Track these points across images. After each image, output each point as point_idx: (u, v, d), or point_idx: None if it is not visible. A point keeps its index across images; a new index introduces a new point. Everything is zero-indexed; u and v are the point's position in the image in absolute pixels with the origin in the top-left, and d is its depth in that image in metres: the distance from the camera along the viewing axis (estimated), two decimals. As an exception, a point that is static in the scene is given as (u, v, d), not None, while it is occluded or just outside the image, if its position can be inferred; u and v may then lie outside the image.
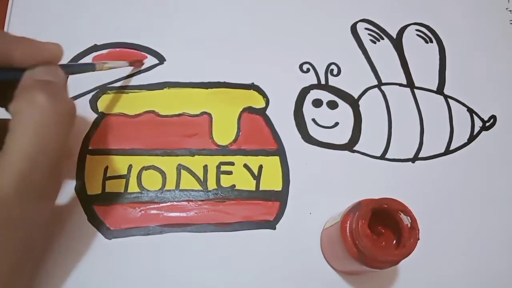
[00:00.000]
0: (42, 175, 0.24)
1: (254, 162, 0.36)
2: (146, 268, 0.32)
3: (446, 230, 0.36)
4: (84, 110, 0.36)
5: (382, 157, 0.38)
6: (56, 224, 0.33)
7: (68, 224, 0.33)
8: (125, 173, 0.35)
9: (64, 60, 0.38)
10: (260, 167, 0.36)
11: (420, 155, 0.38)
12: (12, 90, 0.24)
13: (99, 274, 0.32)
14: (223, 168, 0.36)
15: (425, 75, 0.41)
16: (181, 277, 0.32)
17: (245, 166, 0.36)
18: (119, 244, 0.33)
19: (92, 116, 0.36)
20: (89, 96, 0.37)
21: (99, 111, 0.37)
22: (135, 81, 0.38)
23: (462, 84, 0.41)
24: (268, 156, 0.36)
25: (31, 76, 0.25)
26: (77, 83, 0.37)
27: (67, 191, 0.34)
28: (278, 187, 0.36)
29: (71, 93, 0.37)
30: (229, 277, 0.33)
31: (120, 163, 0.35)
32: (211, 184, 0.35)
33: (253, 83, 0.39)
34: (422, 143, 0.38)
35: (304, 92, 0.39)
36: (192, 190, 0.35)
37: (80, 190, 0.34)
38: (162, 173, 0.35)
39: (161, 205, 0.34)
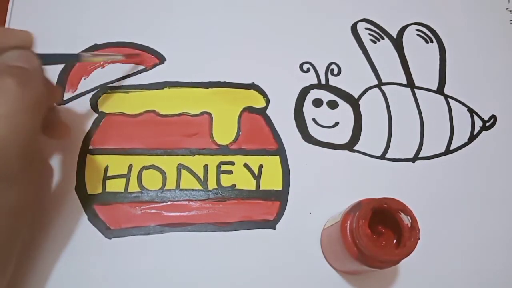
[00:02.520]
0: (8, 160, 0.24)
1: (254, 161, 0.36)
2: (146, 268, 0.32)
3: (446, 230, 0.36)
4: (84, 110, 0.37)
5: (382, 157, 0.38)
6: (56, 223, 0.33)
7: (68, 223, 0.33)
8: (125, 172, 0.35)
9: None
10: (260, 166, 0.36)
11: (420, 155, 0.38)
12: None
13: (99, 273, 0.32)
14: (223, 167, 0.36)
15: (425, 75, 0.41)
16: (181, 276, 0.32)
17: (245, 165, 0.36)
18: (119, 243, 0.33)
19: (92, 115, 0.36)
20: (89, 95, 0.37)
21: (99, 110, 0.37)
22: (135, 80, 0.38)
23: (462, 84, 0.41)
24: (268, 155, 0.36)
25: (2, 61, 0.25)
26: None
27: (67, 191, 0.34)
28: (278, 187, 0.36)
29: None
30: (229, 276, 0.33)
31: (120, 163, 0.35)
32: (211, 184, 0.35)
33: (253, 82, 0.39)
34: (422, 143, 0.38)
35: (304, 91, 0.39)
36: (192, 190, 0.35)
37: (80, 189, 0.34)
38: (163, 173, 0.35)
39: (162, 204, 0.34)
